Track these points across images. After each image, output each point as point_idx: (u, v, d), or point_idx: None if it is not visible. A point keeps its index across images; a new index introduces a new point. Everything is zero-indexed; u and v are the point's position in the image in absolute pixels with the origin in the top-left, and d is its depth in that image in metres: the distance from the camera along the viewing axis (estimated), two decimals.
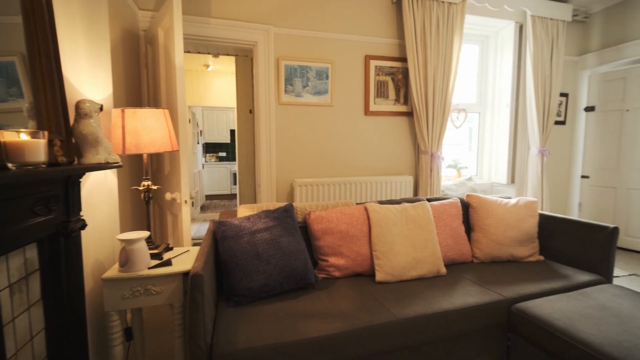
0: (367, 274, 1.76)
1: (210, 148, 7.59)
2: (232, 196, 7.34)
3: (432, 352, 1.44)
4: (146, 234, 1.29)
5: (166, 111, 1.44)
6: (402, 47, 2.98)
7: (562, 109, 3.75)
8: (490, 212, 2.04)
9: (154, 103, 2.27)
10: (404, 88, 3.01)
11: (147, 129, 1.29)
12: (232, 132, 7.32)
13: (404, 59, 2.97)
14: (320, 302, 1.46)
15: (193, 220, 5.21)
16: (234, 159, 7.32)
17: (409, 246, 1.75)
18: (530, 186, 3.43)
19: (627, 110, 3.43)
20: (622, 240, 3.49)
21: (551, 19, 3.34)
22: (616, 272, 2.85)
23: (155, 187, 1.49)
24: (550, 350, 1.29)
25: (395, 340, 1.32)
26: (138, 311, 1.45)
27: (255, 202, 3.31)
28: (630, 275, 2.80)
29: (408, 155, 3.09)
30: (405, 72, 2.99)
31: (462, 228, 2.00)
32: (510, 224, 1.99)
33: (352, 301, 1.46)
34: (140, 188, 1.40)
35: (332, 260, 1.73)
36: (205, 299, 1.14)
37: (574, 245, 1.91)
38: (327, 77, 2.80)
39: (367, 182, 2.89)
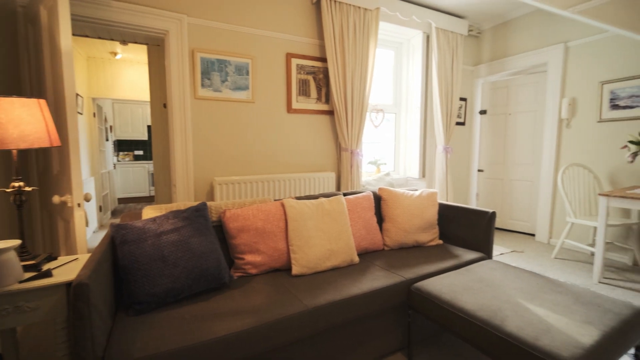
0: (284, 269, 1.79)
1: (124, 146, 6.84)
2: (151, 198, 6.74)
3: (343, 335, 1.53)
4: (15, 242, 1.10)
5: (42, 101, 1.25)
6: (322, 47, 3.07)
7: (462, 111, 4.28)
8: (398, 204, 2.23)
9: (38, 92, 1.96)
10: (325, 87, 3.11)
11: (14, 121, 1.10)
12: (150, 128, 6.72)
13: (324, 59, 3.07)
14: (233, 300, 1.43)
15: (101, 226, 4.64)
16: (152, 158, 6.72)
17: (324, 239, 1.82)
18: (438, 179, 3.85)
19: (510, 114, 4.07)
20: (508, 223, 4.14)
21: (452, 31, 3.78)
22: (501, 249, 3.38)
23: (29, 189, 1.28)
24: (440, 321, 1.47)
25: (305, 329, 1.37)
26: (10, 333, 1.24)
27: (171, 203, 3.09)
28: (511, 252, 3.35)
29: (330, 152, 3.21)
30: (326, 72, 3.10)
31: (375, 219, 2.16)
32: (414, 213, 2.21)
33: (266, 296, 1.47)
34: (9, 190, 1.19)
35: (249, 257, 1.71)
36: (93, 310, 1.03)
37: (465, 229, 2.21)
38: (247, 73, 2.74)
39: (290, 179, 2.92)
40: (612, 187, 3.15)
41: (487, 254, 2.09)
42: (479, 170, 4.36)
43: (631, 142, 2.55)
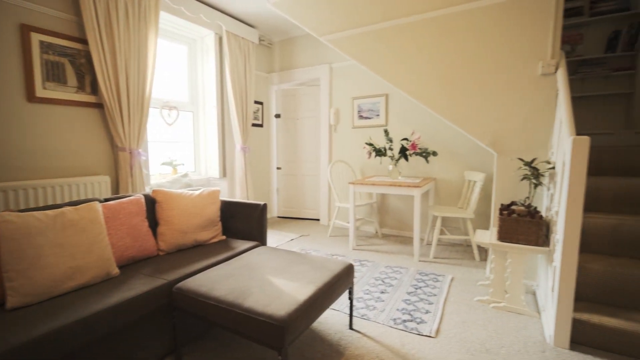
0: None
1: None
2: None
3: (106, 354, 1.33)
4: None
5: None
6: (82, 26, 2.57)
7: (260, 114, 4.64)
8: (175, 205, 2.16)
9: None
10: (89, 75, 2.62)
11: None
12: None
13: (86, 41, 2.58)
14: None
15: None
16: None
17: (65, 255, 1.52)
18: (238, 178, 4.02)
19: (298, 119, 4.74)
20: (302, 212, 4.83)
21: (243, 38, 4.00)
22: (292, 236, 3.89)
23: None
24: (200, 314, 1.51)
25: None
26: None
27: None
28: (300, 236, 3.92)
29: (103, 153, 2.75)
30: (89, 57, 2.61)
31: (146, 224, 2.00)
32: (194, 213, 2.19)
33: None
34: None
35: None
36: None
37: (244, 222, 2.39)
38: None
39: (48, 187, 2.30)
40: (362, 177, 4.21)
41: (261, 241, 2.33)
42: (278, 168, 4.86)
43: (367, 143, 3.48)
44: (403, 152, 3.32)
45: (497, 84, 2.45)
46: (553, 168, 2.07)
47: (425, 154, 3.23)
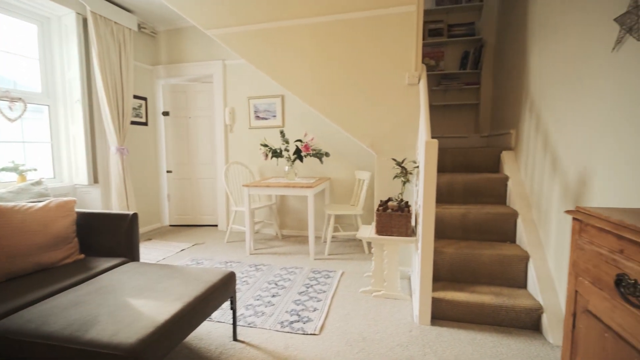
0: None
1: None
2: None
3: None
4: None
5: None
6: None
7: (143, 111, 4.12)
8: (4, 221, 1.70)
9: None
10: None
11: None
12: None
13: None
14: None
15: None
16: None
17: None
18: (115, 184, 3.47)
19: (190, 117, 4.37)
20: (198, 219, 4.47)
21: (116, 22, 3.47)
22: (183, 246, 3.56)
23: None
24: (26, 358, 1.20)
25: None
26: None
27: None
28: (193, 245, 3.61)
29: None
30: None
31: None
32: (32, 230, 1.77)
33: None
34: None
35: None
36: None
37: (109, 236, 2.04)
38: None
39: None
40: (261, 178, 4.12)
41: (132, 257, 2.04)
42: (168, 171, 4.40)
43: (262, 145, 3.41)
44: (298, 153, 3.36)
45: (374, 90, 2.67)
46: (418, 167, 2.34)
47: (319, 155, 3.33)
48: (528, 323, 1.90)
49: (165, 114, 4.33)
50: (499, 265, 2.14)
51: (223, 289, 1.66)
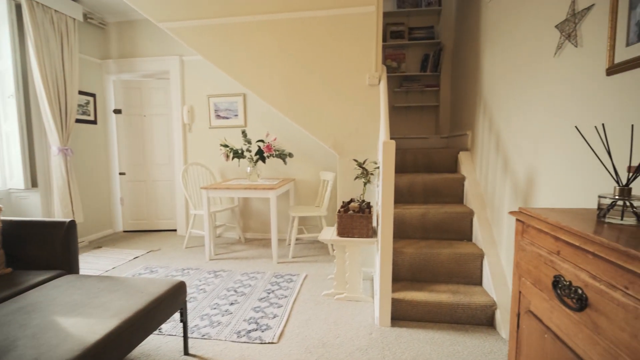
0: None
1: None
2: None
3: None
4: None
5: None
6: None
7: (91, 108, 3.80)
8: None
9: None
10: None
11: None
12: None
13: None
14: None
15: None
16: None
17: None
18: (57, 188, 3.17)
19: (145, 116, 4.11)
20: (155, 224, 4.21)
21: (57, 11, 3.17)
22: (137, 253, 3.32)
23: None
24: None
25: None
26: None
27: None
28: (148, 252, 3.38)
29: None
30: None
31: None
32: None
33: None
34: None
35: None
36: None
37: (42, 247, 1.83)
38: None
39: None
40: (222, 180, 3.96)
41: (69, 269, 1.84)
42: (121, 173, 4.10)
43: (222, 145, 3.27)
44: (260, 153, 3.26)
45: (335, 91, 2.64)
46: (378, 167, 2.34)
47: (282, 156, 3.25)
48: (483, 319, 1.95)
49: (117, 111, 4.04)
50: (456, 264, 2.19)
51: (171, 301, 1.54)
